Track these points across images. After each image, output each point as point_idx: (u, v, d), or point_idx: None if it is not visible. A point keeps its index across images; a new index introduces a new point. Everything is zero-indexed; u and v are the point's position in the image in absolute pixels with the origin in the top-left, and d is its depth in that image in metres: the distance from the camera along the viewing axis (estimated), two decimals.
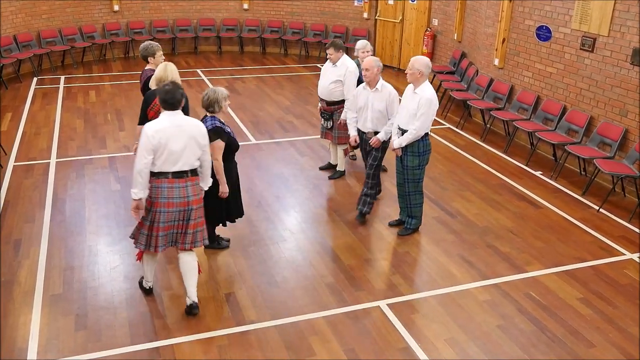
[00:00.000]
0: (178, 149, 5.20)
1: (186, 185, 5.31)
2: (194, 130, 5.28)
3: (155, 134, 5.12)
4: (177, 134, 5.18)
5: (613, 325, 5.61)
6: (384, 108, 6.99)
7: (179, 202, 5.29)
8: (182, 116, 5.32)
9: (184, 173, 5.30)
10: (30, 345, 5.14)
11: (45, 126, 10.47)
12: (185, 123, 5.27)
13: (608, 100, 8.62)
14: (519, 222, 7.53)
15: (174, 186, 5.27)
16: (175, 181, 5.27)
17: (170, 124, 5.19)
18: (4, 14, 13.32)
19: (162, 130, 5.14)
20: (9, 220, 7.22)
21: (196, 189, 5.41)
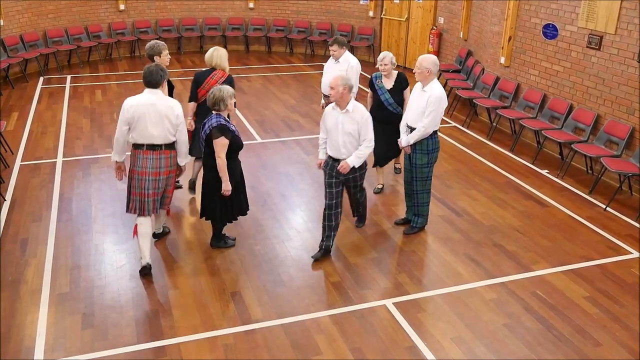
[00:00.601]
0: (149, 125, 5.82)
1: (159, 157, 5.96)
2: (168, 111, 5.86)
3: (130, 107, 5.82)
4: (150, 110, 5.79)
5: (620, 324, 5.59)
6: (355, 131, 6.16)
7: (151, 171, 5.96)
8: (160, 95, 5.90)
9: (158, 146, 5.93)
10: (38, 343, 5.16)
11: (51, 125, 10.51)
12: (160, 102, 5.85)
13: (615, 98, 8.59)
14: (526, 220, 7.51)
15: (148, 157, 5.94)
16: (149, 153, 5.93)
17: (146, 100, 5.82)
18: (10, 13, 13.37)
19: (136, 105, 5.80)
20: (15, 219, 7.24)
21: (169, 162, 6.04)
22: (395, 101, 7.67)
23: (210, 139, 5.98)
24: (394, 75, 7.75)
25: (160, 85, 5.90)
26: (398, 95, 7.69)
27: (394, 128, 7.52)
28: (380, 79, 7.75)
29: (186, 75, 14.07)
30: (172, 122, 5.88)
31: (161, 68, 5.95)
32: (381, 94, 7.68)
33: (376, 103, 7.80)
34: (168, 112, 5.85)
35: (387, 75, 7.74)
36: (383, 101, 7.65)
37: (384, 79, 7.74)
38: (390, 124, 7.65)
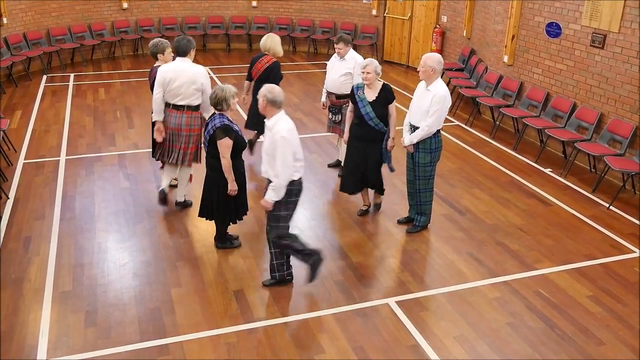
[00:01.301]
0: (177, 86, 6.89)
1: (181, 116, 7.03)
2: (195, 76, 6.93)
3: (165, 73, 6.90)
4: (180, 74, 6.88)
5: (623, 323, 5.58)
6: (271, 151, 5.60)
7: (173, 127, 7.06)
8: (189, 63, 7.00)
9: (181, 107, 7.00)
10: (40, 342, 5.16)
11: (54, 124, 10.52)
12: (189, 68, 6.94)
13: (618, 97, 8.57)
14: (529, 219, 7.50)
15: (172, 115, 7.03)
16: (173, 111, 7.03)
17: (177, 66, 6.93)
18: (13, 11, 13.38)
19: (170, 70, 6.90)
20: (19, 217, 7.25)
21: (190, 121, 7.07)
22: (377, 115, 6.86)
23: (214, 140, 5.98)
24: (377, 86, 6.89)
25: (188, 53, 6.99)
26: (381, 109, 6.88)
27: (375, 149, 7.00)
28: (363, 89, 6.93)
29: None
30: (197, 86, 6.93)
31: (188, 39, 7.04)
32: (362, 107, 6.88)
33: (356, 117, 7.04)
34: (195, 77, 6.91)
35: (370, 86, 6.89)
36: (363, 115, 6.87)
37: (367, 89, 6.91)
38: (372, 143, 7.00)
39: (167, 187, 7.45)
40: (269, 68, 8.57)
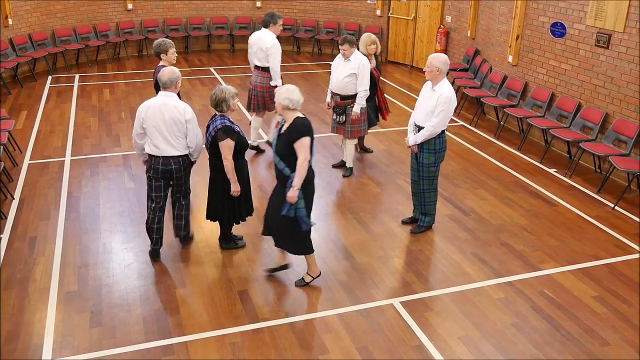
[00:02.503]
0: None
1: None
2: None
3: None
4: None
5: (628, 324, 5.57)
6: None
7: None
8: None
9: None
10: (46, 341, 5.18)
11: (59, 124, 10.55)
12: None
13: (623, 97, 8.55)
14: (533, 219, 7.49)
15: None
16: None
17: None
18: (19, 12, 13.42)
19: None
20: (24, 217, 7.27)
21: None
22: (277, 152, 5.61)
23: (216, 141, 5.98)
24: (291, 117, 5.59)
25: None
26: (282, 146, 5.55)
27: (282, 193, 5.66)
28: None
29: (194, 74, 14.10)
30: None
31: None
32: (273, 139, 5.96)
33: None
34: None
35: (284, 116, 5.68)
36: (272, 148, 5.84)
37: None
38: (282, 186, 5.70)
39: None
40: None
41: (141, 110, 6.07)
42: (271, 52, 8.75)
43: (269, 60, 8.79)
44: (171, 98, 6.08)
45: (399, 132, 10.41)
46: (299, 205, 5.58)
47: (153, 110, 6.00)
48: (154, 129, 6.01)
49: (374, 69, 8.61)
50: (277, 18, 8.90)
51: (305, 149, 5.46)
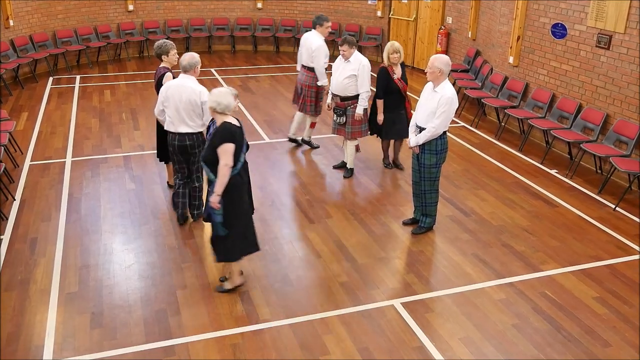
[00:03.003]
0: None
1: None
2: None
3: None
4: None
5: (629, 325, 5.56)
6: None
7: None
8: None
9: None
10: (47, 343, 5.18)
11: (60, 125, 10.55)
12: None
13: (624, 97, 8.55)
14: (534, 220, 7.49)
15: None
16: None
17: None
18: (20, 14, 13.43)
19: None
20: (25, 218, 7.28)
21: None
22: (202, 157, 5.59)
23: None
24: (219, 121, 5.50)
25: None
26: (208, 151, 5.46)
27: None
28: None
29: None
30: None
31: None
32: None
33: None
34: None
35: (215, 118, 5.66)
36: None
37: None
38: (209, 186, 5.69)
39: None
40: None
41: (163, 90, 6.72)
42: (315, 54, 9.03)
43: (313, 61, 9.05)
44: (189, 81, 6.67)
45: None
46: (217, 212, 5.45)
47: (172, 91, 6.61)
48: (173, 108, 6.62)
49: (399, 79, 8.31)
50: (323, 20, 9.13)
51: (227, 154, 5.31)
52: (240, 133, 5.47)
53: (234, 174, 5.43)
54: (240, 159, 5.46)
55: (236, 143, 5.39)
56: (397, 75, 8.29)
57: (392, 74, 8.26)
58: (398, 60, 8.24)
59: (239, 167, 5.45)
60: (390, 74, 8.25)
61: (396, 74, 8.28)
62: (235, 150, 5.37)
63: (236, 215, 5.57)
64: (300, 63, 9.39)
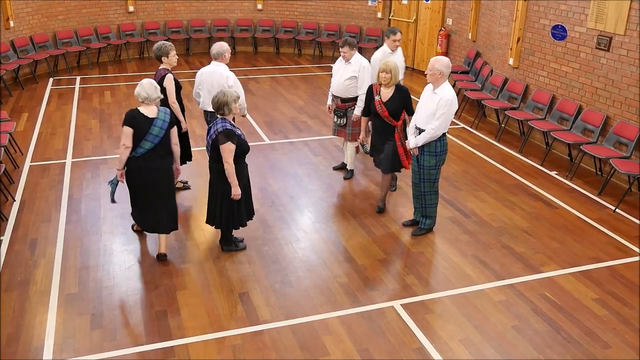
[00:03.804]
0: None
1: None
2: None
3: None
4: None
5: (629, 326, 5.56)
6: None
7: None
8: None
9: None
10: (46, 344, 5.18)
11: (61, 126, 10.55)
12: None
13: (624, 99, 8.55)
14: (534, 222, 7.49)
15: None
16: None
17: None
18: (20, 15, 13.44)
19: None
20: (25, 219, 7.28)
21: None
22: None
23: (217, 144, 5.98)
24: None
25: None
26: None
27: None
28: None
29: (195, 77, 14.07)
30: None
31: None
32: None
33: None
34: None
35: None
36: None
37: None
38: None
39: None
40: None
41: (197, 75, 7.84)
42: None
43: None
44: (219, 67, 7.67)
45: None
46: (113, 182, 6.50)
47: (204, 76, 7.69)
48: (206, 91, 7.68)
49: (380, 102, 7.13)
50: (389, 32, 8.85)
51: (124, 135, 6.02)
52: (146, 122, 6.04)
53: (133, 157, 6.09)
54: (141, 144, 6.03)
55: (136, 129, 6.01)
56: (380, 97, 7.14)
57: (375, 94, 7.23)
58: (388, 82, 7.09)
59: (139, 152, 6.06)
60: (373, 93, 7.26)
61: (380, 95, 7.15)
62: (137, 135, 6.01)
63: (133, 193, 6.41)
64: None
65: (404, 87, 7.27)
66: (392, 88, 7.15)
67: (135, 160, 6.11)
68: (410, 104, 7.27)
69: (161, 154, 6.18)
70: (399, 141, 7.22)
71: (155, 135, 6.06)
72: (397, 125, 7.18)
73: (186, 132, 7.76)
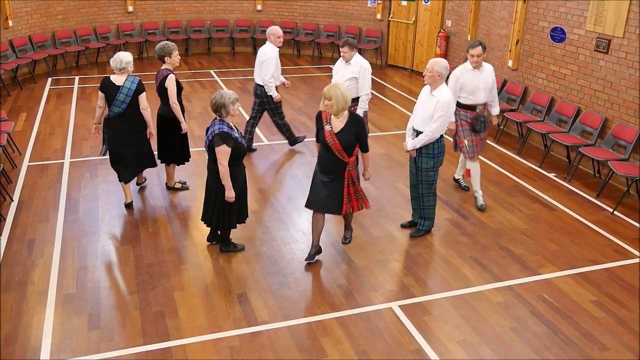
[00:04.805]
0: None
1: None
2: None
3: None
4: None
5: (627, 328, 5.56)
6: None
7: None
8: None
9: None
10: (44, 344, 5.17)
11: (59, 126, 10.54)
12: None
13: (623, 102, 8.56)
14: (533, 224, 7.49)
15: None
16: None
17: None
18: (19, 14, 13.43)
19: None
20: (23, 219, 7.27)
21: None
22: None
23: (213, 146, 5.99)
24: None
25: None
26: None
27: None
28: None
29: (194, 77, 14.10)
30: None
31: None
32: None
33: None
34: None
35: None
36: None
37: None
38: None
39: None
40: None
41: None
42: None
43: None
44: (266, 47, 9.00)
45: (399, 135, 10.41)
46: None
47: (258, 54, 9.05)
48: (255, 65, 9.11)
49: (330, 132, 6.06)
50: (468, 46, 7.45)
51: (98, 97, 7.41)
52: (114, 88, 7.33)
53: (108, 118, 7.33)
54: (111, 109, 7.24)
55: (106, 93, 7.38)
56: (330, 126, 6.09)
57: (324, 122, 6.15)
58: (332, 110, 6.01)
59: (111, 115, 7.28)
60: (322, 121, 6.19)
61: (331, 124, 6.10)
62: (108, 100, 7.30)
63: (110, 150, 7.46)
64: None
65: (358, 117, 6.23)
66: (345, 116, 6.08)
67: (110, 122, 7.30)
68: (364, 137, 6.18)
69: (129, 119, 7.24)
70: (347, 180, 6.15)
71: (122, 101, 7.19)
72: (349, 162, 6.09)
73: (185, 133, 7.75)
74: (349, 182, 6.19)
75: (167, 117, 7.58)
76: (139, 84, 7.29)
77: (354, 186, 6.27)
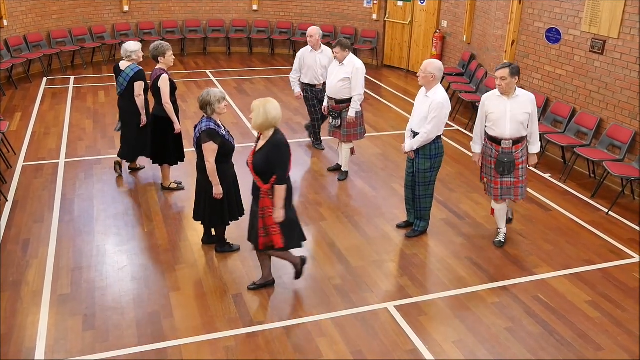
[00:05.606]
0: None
1: None
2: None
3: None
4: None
5: (622, 329, 5.58)
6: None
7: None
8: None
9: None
10: (38, 345, 5.16)
11: (54, 126, 10.52)
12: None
13: (618, 102, 8.58)
14: (528, 224, 7.50)
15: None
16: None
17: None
18: (14, 14, 13.39)
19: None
20: (17, 219, 7.25)
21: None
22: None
23: (200, 143, 6.03)
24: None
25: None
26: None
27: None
28: None
29: (189, 77, 14.08)
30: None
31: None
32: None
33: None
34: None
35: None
36: None
37: None
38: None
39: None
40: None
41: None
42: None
43: None
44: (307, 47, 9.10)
45: (395, 136, 10.41)
46: None
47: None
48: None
49: (253, 150, 5.58)
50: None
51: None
52: (118, 72, 7.94)
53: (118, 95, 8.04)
54: (117, 87, 7.98)
55: (115, 75, 8.02)
56: (256, 144, 5.57)
57: (256, 139, 5.66)
58: (252, 125, 5.50)
59: (118, 93, 8.01)
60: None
61: (257, 143, 5.57)
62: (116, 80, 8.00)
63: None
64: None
65: (278, 142, 5.40)
66: (267, 137, 5.46)
67: (118, 99, 8.16)
68: (278, 166, 5.35)
69: (126, 102, 7.97)
70: (261, 211, 5.47)
71: (120, 83, 7.87)
72: (263, 189, 5.41)
73: (179, 133, 7.75)
74: (263, 213, 5.47)
75: (161, 117, 7.57)
76: (137, 72, 7.81)
77: (265, 219, 5.48)
